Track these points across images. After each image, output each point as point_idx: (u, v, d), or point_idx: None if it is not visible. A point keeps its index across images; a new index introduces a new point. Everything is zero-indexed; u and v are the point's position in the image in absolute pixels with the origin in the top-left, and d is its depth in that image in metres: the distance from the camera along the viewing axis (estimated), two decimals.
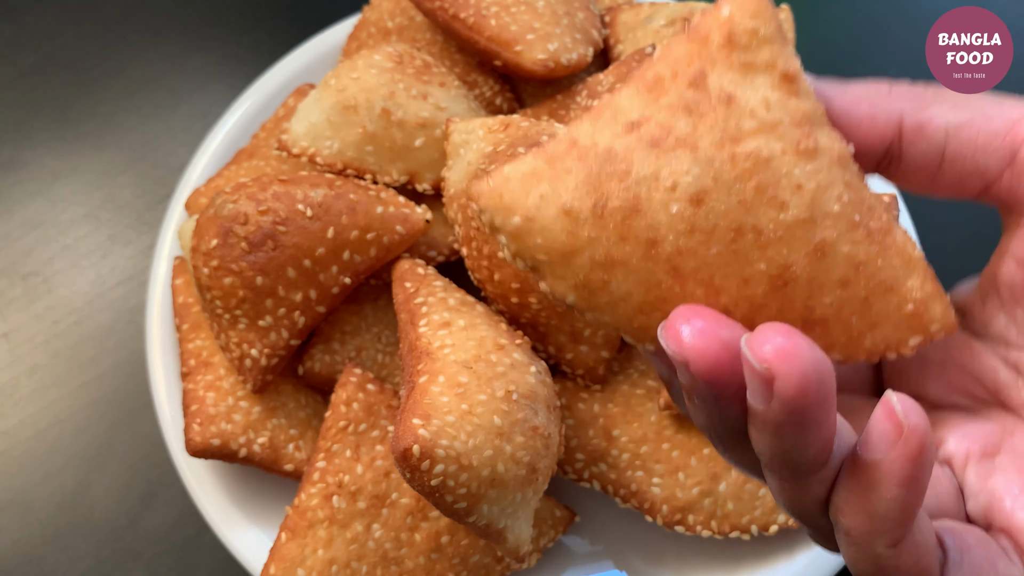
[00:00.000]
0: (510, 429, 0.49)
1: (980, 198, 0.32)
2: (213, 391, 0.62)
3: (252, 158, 0.73)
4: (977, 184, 0.31)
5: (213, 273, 0.58)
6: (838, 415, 0.27)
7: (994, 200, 0.32)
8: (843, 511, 0.28)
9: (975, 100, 0.31)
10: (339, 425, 0.58)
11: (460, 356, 0.52)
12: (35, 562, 0.73)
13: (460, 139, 0.61)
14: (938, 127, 0.30)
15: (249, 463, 0.62)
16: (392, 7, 0.75)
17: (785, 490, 0.29)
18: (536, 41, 0.65)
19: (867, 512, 0.27)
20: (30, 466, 0.76)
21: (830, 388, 0.25)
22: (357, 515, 0.56)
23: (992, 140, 0.30)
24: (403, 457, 0.47)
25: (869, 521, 0.27)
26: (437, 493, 0.47)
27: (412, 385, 0.51)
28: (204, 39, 0.96)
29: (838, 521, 0.28)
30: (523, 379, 0.52)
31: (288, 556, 0.56)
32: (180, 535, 0.73)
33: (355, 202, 0.60)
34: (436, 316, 0.55)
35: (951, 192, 0.32)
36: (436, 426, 0.47)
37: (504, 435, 0.49)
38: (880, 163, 0.31)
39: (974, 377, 0.33)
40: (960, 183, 0.31)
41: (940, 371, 0.34)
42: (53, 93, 0.93)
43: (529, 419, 0.50)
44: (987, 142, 0.30)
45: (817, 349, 0.25)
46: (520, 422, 0.50)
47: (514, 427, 0.49)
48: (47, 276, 0.84)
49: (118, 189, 0.88)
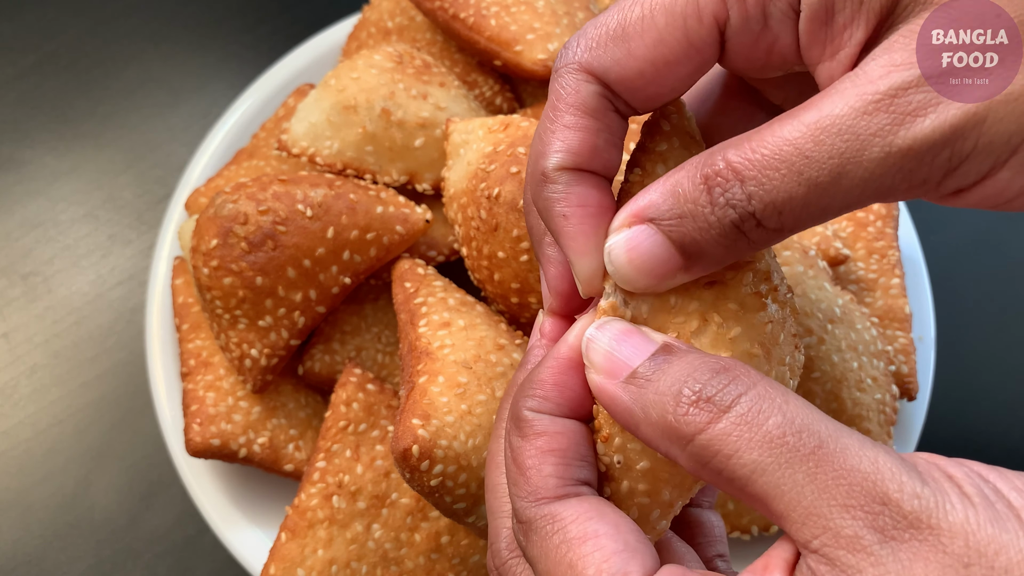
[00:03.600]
0: None
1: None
2: (213, 391, 0.62)
3: (252, 158, 0.73)
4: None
5: (213, 273, 0.58)
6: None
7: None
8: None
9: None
10: (339, 425, 0.58)
11: (460, 356, 0.52)
12: (35, 562, 0.73)
13: (460, 139, 0.61)
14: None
15: (249, 463, 0.62)
16: (392, 7, 0.75)
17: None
18: (536, 41, 0.65)
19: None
20: (30, 466, 0.76)
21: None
22: (357, 515, 0.56)
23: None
24: (402, 457, 0.47)
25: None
26: (437, 493, 0.47)
27: (412, 385, 0.51)
28: (204, 39, 0.96)
29: None
30: None
31: (288, 556, 0.56)
32: (180, 535, 0.73)
33: (355, 202, 0.60)
34: (436, 316, 0.55)
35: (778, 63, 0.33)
36: (435, 426, 0.47)
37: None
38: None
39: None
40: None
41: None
42: (53, 93, 0.93)
43: None
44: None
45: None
46: None
47: None
48: (47, 276, 0.84)
49: (118, 189, 0.88)
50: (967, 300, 0.80)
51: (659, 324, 0.33)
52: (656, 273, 0.32)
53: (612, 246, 0.32)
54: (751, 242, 0.31)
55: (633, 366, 0.31)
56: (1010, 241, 0.82)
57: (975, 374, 0.78)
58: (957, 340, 0.77)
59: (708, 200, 0.30)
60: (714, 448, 0.28)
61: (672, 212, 0.31)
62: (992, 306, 0.80)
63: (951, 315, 0.76)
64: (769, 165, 0.29)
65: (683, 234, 0.31)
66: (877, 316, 0.65)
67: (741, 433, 0.27)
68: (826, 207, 0.29)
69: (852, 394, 0.57)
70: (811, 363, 0.56)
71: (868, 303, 0.66)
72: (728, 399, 0.28)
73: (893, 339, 0.64)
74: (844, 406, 0.57)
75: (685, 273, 0.32)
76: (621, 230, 0.32)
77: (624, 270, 0.32)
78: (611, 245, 0.32)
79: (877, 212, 0.69)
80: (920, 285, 0.69)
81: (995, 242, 0.82)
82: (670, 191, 0.31)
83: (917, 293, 0.68)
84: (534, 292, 0.57)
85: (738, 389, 0.28)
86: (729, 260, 0.32)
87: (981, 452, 0.75)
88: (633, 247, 0.32)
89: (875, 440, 0.58)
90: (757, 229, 0.30)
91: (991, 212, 0.35)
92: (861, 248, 0.68)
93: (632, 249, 0.32)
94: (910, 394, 0.63)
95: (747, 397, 0.28)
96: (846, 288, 0.66)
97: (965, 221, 0.83)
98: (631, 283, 0.33)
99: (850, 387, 0.57)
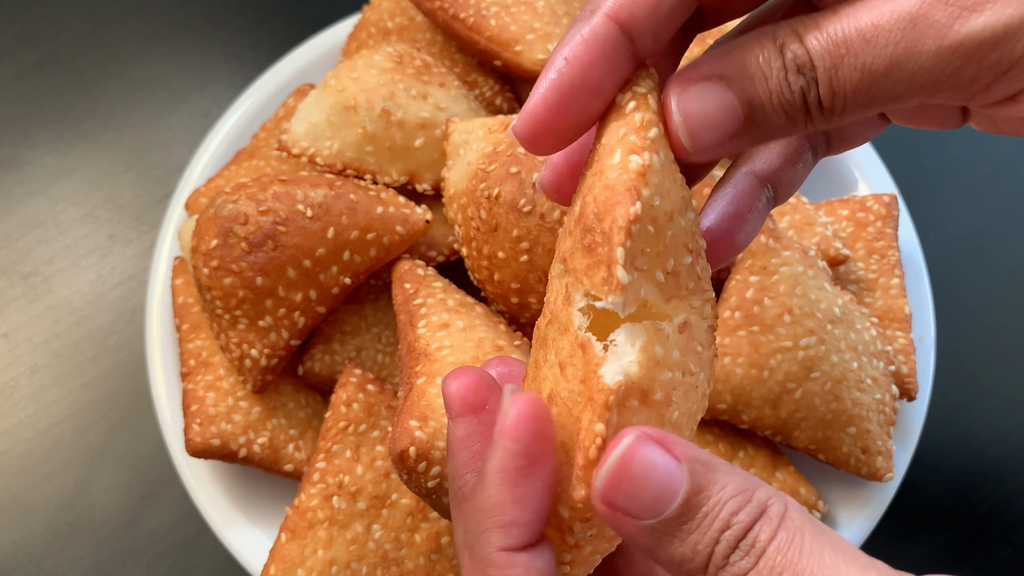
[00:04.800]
0: None
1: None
2: (213, 391, 0.62)
3: (252, 158, 0.73)
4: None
5: (213, 273, 0.58)
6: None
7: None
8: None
9: None
10: (339, 426, 0.58)
11: (458, 357, 0.52)
12: (35, 562, 0.73)
13: (460, 139, 0.61)
14: None
15: (249, 463, 0.62)
16: (392, 7, 0.75)
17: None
18: (536, 41, 0.65)
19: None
20: (30, 466, 0.76)
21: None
22: (357, 516, 0.56)
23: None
24: (400, 458, 0.47)
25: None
26: (434, 495, 0.47)
27: (410, 386, 0.51)
28: (204, 39, 0.96)
29: None
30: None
31: (288, 557, 0.56)
32: (180, 535, 0.73)
33: (355, 202, 0.60)
34: (435, 317, 0.55)
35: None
36: (433, 428, 0.47)
37: None
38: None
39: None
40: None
41: None
42: (53, 93, 0.93)
43: None
44: None
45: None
46: None
47: None
48: (47, 276, 0.84)
49: (118, 189, 0.88)
50: (967, 300, 0.80)
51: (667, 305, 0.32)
52: (722, 128, 0.31)
53: (680, 98, 0.31)
54: (809, 118, 0.31)
55: (663, 510, 0.29)
56: (1010, 241, 0.82)
57: (975, 374, 0.78)
58: (957, 340, 0.77)
59: (782, 65, 0.30)
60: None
61: (744, 72, 0.31)
62: (992, 306, 0.80)
63: (951, 315, 0.76)
64: (836, 44, 0.29)
65: (752, 95, 0.31)
66: (877, 316, 0.65)
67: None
68: (873, 96, 0.29)
69: (852, 394, 0.57)
70: (811, 363, 0.56)
71: (868, 303, 0.66)
72: (752, 559, 0.28)
73: (893, 339, 0.64)
74: (844, 406, 0.57)
75: (742, 138, 0.31)
76: (690, 85, 0.31)
77: (691, 122, 0.31)
78: (678, 98, 0.32)
79: (877, 212, 0.69)
80: (920, 285, 0.69)
81: (995, 242, 0.82)
82: (742, 53, 0.31)
83: (917, 293, 0.68)
84: (534, 292, 0.57)
85: (761, 546, 0.29)
86: (783, 134, 0.32)
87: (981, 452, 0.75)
88: (703, 97, 0.31)
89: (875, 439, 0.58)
90: (817, 106, 0.30)
91: (991, 212, 0.35)
92: (861, 248, 0.68)
93: (702, 99, 0.31)
94: (910, 394, 0.63)
95: (768, 552, 0.28)
96: (846, 288, 0.66)
97: (965, 221, 0.83)
98: (696, 138, 0.31)
99: (850, 387, 0.57)
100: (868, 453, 0.58)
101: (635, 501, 0.29)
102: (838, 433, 0.58)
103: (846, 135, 0.41)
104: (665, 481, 0.29)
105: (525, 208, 0.54)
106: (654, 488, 0.29)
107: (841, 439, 0.58)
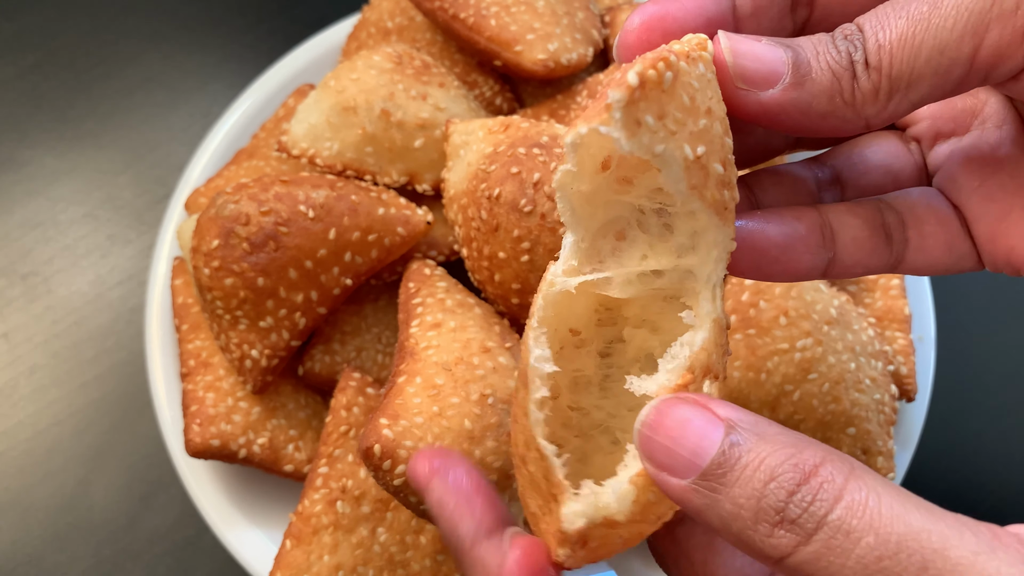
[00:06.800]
0: (481, 434, 0.49)
1: None
2: (213, 392, 0.62)
3: (252, 158, 0.73)
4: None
5: (214, 274, 0.58)
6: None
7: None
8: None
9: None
10: (340, 430, 0.58)
11: (442, 358, 0.51)
12: (35, 562, 0.73)
13: (460, 140, 0.61)
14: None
15: (249, 464, 0.62)
16: (392, 7, 0.75)
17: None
18: (536, 41, 0.65)
19: None
20: (30, 466, 0.76)
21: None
22: (362, 519, 0.56)
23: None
24: (365, 456, 0.47)
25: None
26: (401, 493, 0.47)
27: (391, 384, 0.51)
28: (204, 39, 0.95)
29: None
30: (504, 383, 0.51)
31: (294, 563, 0.55)
32: (180, 535, 0.73)
33: (357, 203, 0.60)
34: (429, 317, 0.55)
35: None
36: (402, 427, 0.47)
37: (474, 439, 0.48)
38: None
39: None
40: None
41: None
42: (53, 93, 0.93)
43: (505, 424, 0.50)
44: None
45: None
46: (494, 427, 0.49)
47: (486, 432, 0.49)
48: (47, 276, 0.84)
49: (118, 189, 0.88)
50: (967, 300, 0.80)
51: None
52: (767, 66, 0.32)
53: (730, 38, 0.32)
54: (855, 89, 0.31)
55: (701, 464, 0.28)
56: None
57: (975, 374, 0.78)
58: (957, 340, 0.77)
59: (830, 38, 0.32)
60: (805, 572, 0.26)
61: (794, 41, 0.32)
62: (992, 306, 0.81)
63: (951, 315, 0.76)
64: (880, 16, 0.31)
65: (799, 52, 0.32)
66: (877, 317, 0.65)
67: (832, 559, 0.25)
68: (919, 52, 0.30)
69: (850, 395, 0.57)
70: (808, 364, 0.56)
71: (868, 304, 0.66)
72: (814, 521, 0.26)
73: (893, 340, 0.64)
74: (843, 407, 0.57)
75: (784, 90, 0.32)
76: (743, 37, 0.33)
77: (739, 53, 0.32)
78: (728, 38, 0.32)
79: None
80: (920, 285, 0.69)
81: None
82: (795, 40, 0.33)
83: (917, 293, 0.68)
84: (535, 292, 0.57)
85: (824, 506, 0.26)
86: (830, 104, 0.32)
87: (981, 452, 0.75)
88: (753, 42, 0.32)
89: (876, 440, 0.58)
90: (863, 65, 0.31)
91: None
92: None
93: (752, 42, 0.32)
94: (909, 395, 0.63)
95: (835, 515, 0.26)
96: (845, 289, 0.66)
97: None
98: (741, 63, 0.32)
99: (848, 387, 0.57)
100: (868, 453, 0.59)
101: (674, 456, 0.29)
102: (838, 434, 0.58)
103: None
104: (701, 434, 0.28)
105: (526, 208, 0.54)
106: (691, 440, 0.28)
107: (841, 440, 0.58)
